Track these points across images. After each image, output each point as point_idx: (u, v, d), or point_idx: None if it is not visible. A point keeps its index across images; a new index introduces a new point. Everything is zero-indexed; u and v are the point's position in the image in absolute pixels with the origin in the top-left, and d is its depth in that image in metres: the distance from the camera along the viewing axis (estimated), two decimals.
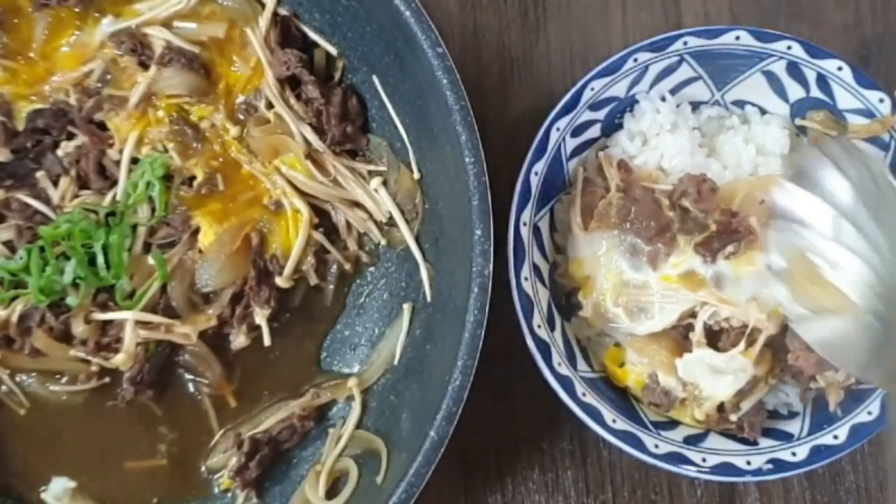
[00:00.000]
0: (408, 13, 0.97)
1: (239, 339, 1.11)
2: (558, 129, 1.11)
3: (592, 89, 1.11)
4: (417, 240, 1.12)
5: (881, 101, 1.11)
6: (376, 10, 1.03)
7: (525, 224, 1.09)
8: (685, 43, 1.11)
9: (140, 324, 1.08)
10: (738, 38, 1.11)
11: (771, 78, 1.15)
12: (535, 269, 1.10)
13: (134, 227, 1.11)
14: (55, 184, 1.13)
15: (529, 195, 1.10)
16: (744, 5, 1.31)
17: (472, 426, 1.15)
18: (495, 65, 1.28)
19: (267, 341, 1.11)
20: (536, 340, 1.06)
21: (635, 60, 1.11)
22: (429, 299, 1.10)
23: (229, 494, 1.12)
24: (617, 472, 1.20)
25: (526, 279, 1.08)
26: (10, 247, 1.11)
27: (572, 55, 1.30)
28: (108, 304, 1.09)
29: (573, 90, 1.11)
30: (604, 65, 1.11)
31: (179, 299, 1.10)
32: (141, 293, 1.09)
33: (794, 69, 1.13)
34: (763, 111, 1.18)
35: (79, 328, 1.08)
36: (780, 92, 1.16)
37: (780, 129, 1.14)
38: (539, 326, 1.08)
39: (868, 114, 1.12)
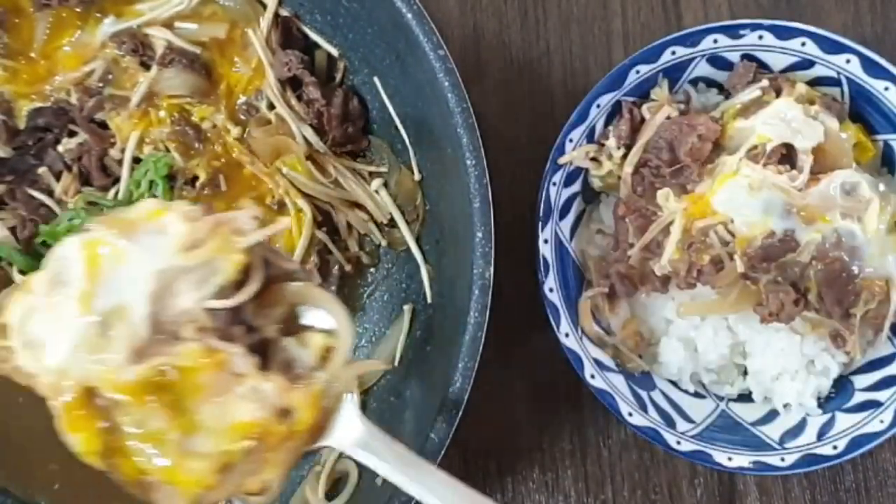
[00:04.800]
0: (409, 15, 0.97)
1: None
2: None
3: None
4: (418, 241, 1.12)
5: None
6: (378, 11, 1.03)
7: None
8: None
9: None
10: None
11: None
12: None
13: None
14: (57, 178, 1.12)
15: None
16: (743, 5, 1.31)
17: (472, 426, 1.15)
18: (496, 65, 1.28)
19: None
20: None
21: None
22: (429, 300, 1.10)
23: None
24: (617, 471, 1.20)
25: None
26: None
27: (572, 55, 1.30)
28: None
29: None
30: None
31: None
32: None
33: None
34: None
35: None
36: None
37: None
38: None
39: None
